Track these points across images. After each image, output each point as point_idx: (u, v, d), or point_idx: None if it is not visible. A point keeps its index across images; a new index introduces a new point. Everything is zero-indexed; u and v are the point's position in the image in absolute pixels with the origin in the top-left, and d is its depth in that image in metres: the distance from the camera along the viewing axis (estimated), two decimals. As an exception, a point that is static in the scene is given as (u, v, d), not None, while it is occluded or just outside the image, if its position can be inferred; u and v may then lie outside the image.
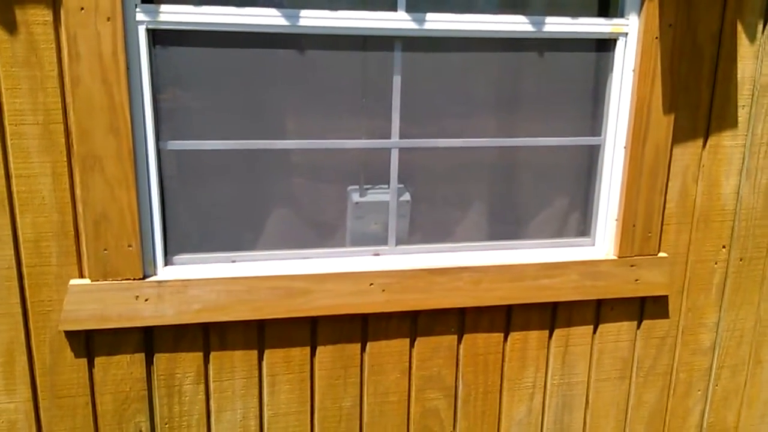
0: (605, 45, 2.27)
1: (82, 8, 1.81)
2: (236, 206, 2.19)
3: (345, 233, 2.30)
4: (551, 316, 2.42)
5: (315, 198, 2.24)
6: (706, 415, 2.69)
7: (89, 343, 2.09)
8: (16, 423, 2.09)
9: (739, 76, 2.32)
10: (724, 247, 2.49)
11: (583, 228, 2.44)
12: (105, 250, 1.99)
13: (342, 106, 2.17)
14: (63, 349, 2.07)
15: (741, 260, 2.53)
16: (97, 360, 2.10)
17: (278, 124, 2.14)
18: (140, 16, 1.90)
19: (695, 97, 2.30)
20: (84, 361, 2.09)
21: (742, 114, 2.36)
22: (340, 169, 2.23)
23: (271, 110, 2.13)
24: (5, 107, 1.85)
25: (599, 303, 2.44)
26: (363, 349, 2.30)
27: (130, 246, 2.00)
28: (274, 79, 2.10)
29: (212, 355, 2.18)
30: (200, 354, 2.17)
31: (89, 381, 2.11)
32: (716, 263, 2.51)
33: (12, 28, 1.80)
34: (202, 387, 2.20)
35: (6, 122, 1.86)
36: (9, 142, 1.88)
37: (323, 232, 2.28)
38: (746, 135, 2.38)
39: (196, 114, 2.08)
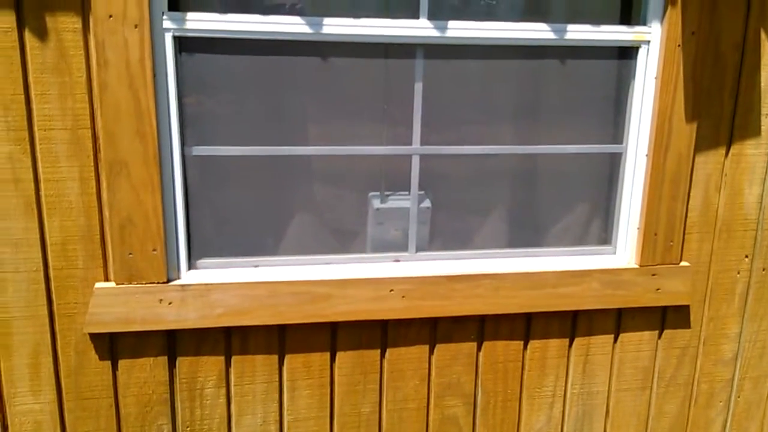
0: (627, 53, 2.27)
1: (111, 16, 1.84)
2: (259, 211, 2.21)
3: (366, 239, 2.31)
4: (571, 324, 2.41)
5: (336, 204, 2.26)
6: (728, 426, 2.66)
7: (113, 346, 2.11)
8: (42, 424, 2.12)
9: (762, 84, 2.30)
10: (746, 256, 2.47)
11: (605, 236, 2.43)
12: (130, 253, 2.02)
13: (364, 113, 2.19)
14: (88, 351, 2.09)
15: (764, 270, 2.50)
16: (121, 363, 2.13)
17: (301, 130, 2.16)
18: (167, 24, 1.93)
19: (718, 105, 2.29)
20: (108, 363, 2.12)
21: (765, 123, 2.34)
22: (362, 176, 2.25)
23: (294, 116, 2.15)
24: (35, 113, 1.89)
25: (620, 312, 2.43)
26: (382, 356, 2.30)
27: (154, 250, 2.03)
28: (297, 86, 2.13)
29: (234, 359, 2.20)
30: (222, 358, 2.19)
31: (113, 383, 2.14)
32: (739, 273, 2.49)
33: (43, 35, 1.84)
34: (223, 391, 2.22)
35: (36, 127, 1.90)
36: (38, 147, 1.91)
37: (344, 238, 2.29)
38: (770, 144, 2.37)
39: (221, 120, 2.11)
